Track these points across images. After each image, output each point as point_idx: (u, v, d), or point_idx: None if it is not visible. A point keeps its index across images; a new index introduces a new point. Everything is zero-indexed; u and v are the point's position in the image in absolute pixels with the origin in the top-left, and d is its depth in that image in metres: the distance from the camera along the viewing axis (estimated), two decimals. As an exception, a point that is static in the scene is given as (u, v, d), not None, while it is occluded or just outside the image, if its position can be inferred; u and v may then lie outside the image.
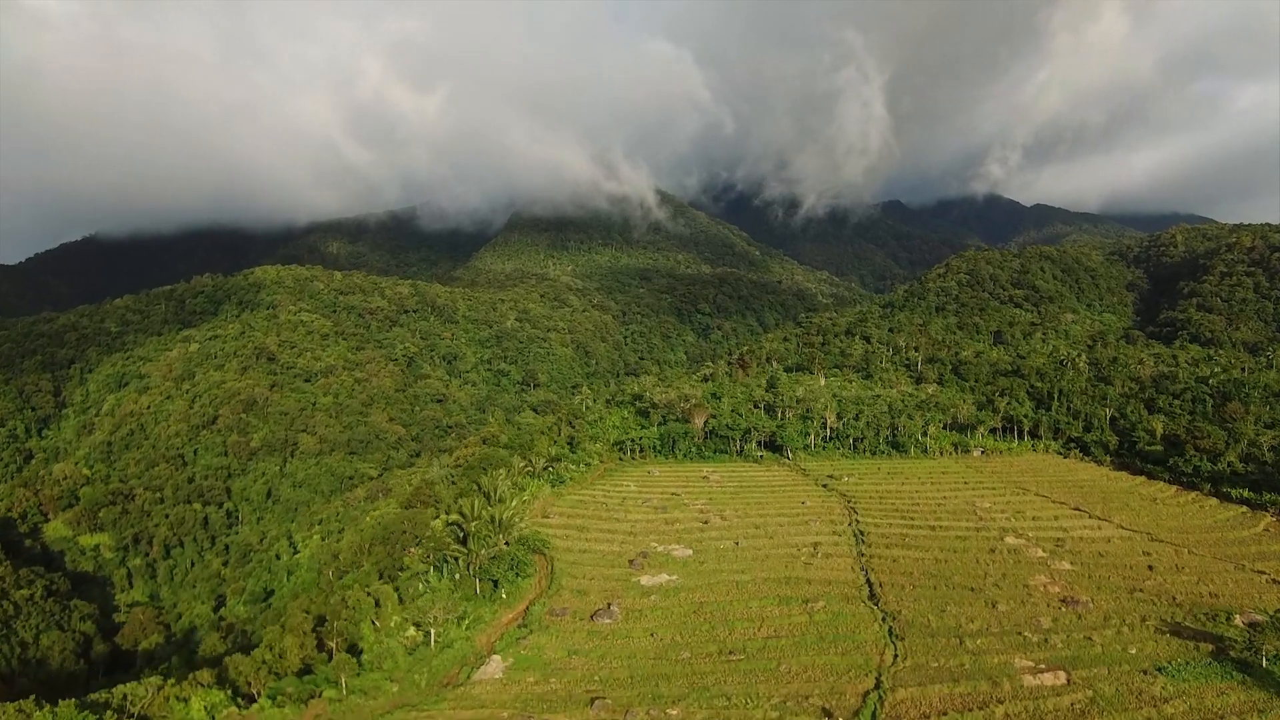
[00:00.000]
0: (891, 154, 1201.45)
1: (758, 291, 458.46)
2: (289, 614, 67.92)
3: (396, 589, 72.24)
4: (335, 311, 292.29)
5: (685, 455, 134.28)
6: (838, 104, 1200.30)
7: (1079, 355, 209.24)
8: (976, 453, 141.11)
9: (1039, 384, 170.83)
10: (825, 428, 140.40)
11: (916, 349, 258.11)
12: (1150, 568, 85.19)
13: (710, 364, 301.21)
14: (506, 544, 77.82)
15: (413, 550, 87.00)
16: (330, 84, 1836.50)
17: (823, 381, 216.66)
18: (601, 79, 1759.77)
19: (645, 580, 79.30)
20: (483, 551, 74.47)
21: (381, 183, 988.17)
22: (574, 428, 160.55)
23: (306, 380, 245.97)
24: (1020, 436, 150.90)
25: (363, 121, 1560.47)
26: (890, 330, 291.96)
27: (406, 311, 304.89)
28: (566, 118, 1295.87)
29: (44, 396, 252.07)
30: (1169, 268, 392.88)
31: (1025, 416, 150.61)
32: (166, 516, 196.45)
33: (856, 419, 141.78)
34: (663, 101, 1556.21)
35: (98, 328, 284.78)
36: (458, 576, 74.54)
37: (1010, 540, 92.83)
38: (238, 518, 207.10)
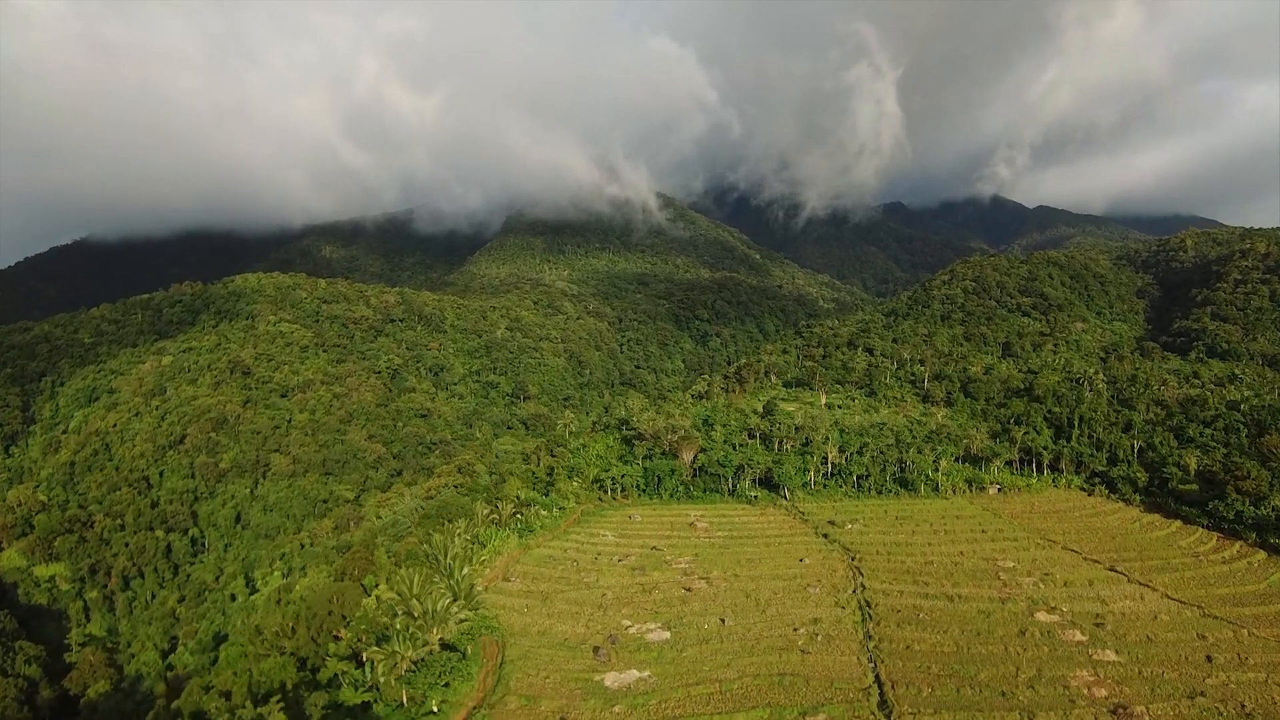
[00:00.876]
0: (904, 153, 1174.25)
1: (758, 297, 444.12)
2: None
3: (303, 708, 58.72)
4: (318, 321, 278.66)
5: (672, 495, 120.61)
6: (850, 101, 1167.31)
7: (1096, 373, 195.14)
8: (992, 490, 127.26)
9: (1057, 409, 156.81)
10: (826, 463, 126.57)
11: (922, 363, 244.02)
12: (1209, 658, 71.39)
13: (706, 377, 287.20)
14: (442, 642, 64.16)
15: (342, 633, 73.69)
16: (325, 84, 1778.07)
17: (824, 399, 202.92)
18: (603, 78, 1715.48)
19: (611, 680, 65.62)
20: (409, 653, 60.89)
21: (377, 185, 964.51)
22: (555, 456, 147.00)
23: (283, 395, 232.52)
24: (1039, 470, 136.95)
25: (358, 122, 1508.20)
26: (894, 341, 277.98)
27: (392, 320, 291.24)
28: (567, 118, 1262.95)
29: (11, 412, 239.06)
30: (1180, 273, 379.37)
31: (1044, 448, 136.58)
32: (126, 545, 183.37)
33: (860, 453, 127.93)
34: (665, 101, 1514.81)
35: (71, 339, 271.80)
36: (382, 680, 60.95)
37: (1042, 617, 79.01)
38: (204, 545, 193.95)
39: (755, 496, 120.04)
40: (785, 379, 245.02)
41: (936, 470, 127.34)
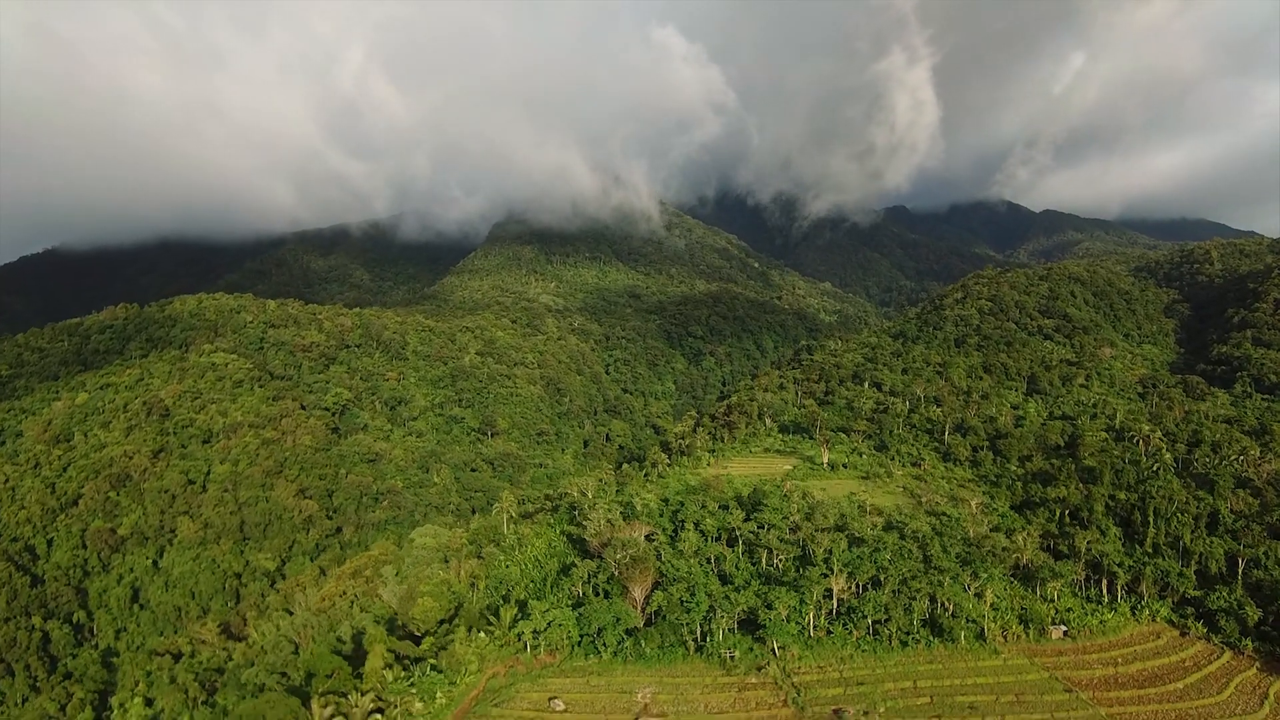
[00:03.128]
0: (937, 149, 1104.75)
1: (755, 311, 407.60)
2: None
3: None
4: (261, 349, 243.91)
5: (616, 654, 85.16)
6: (880, 93, 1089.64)
7: (1153, 431, 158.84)
8: (1057, 633, 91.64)
9: (1120, 494, 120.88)
10: (830, 596, 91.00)
11: (938, 402, 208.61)
12: None
13: (693, 415, 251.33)
14: None
15: None
16: (305, 82, 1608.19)
17: (826, 456, 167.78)
18: (603, 75, 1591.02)
19: None
20: None
21: (362, 189, 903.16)
22: (481, 559, 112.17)
23: (205, 441, 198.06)
24: (1111, 590, 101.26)
25: (341, 123, 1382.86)
26: (904, 372, 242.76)
27: (347, 346, 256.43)
28: (563, 118, 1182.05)
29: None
30: (1208, 289, 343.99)
31: (1118, 565, 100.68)
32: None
33: (877, 583, 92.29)
34: (668, 99, 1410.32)
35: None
36: None
37: None
38: (91, 632, 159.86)
39: (732, 654, 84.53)
40: (781, 422, 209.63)
41: (980, 601, 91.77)
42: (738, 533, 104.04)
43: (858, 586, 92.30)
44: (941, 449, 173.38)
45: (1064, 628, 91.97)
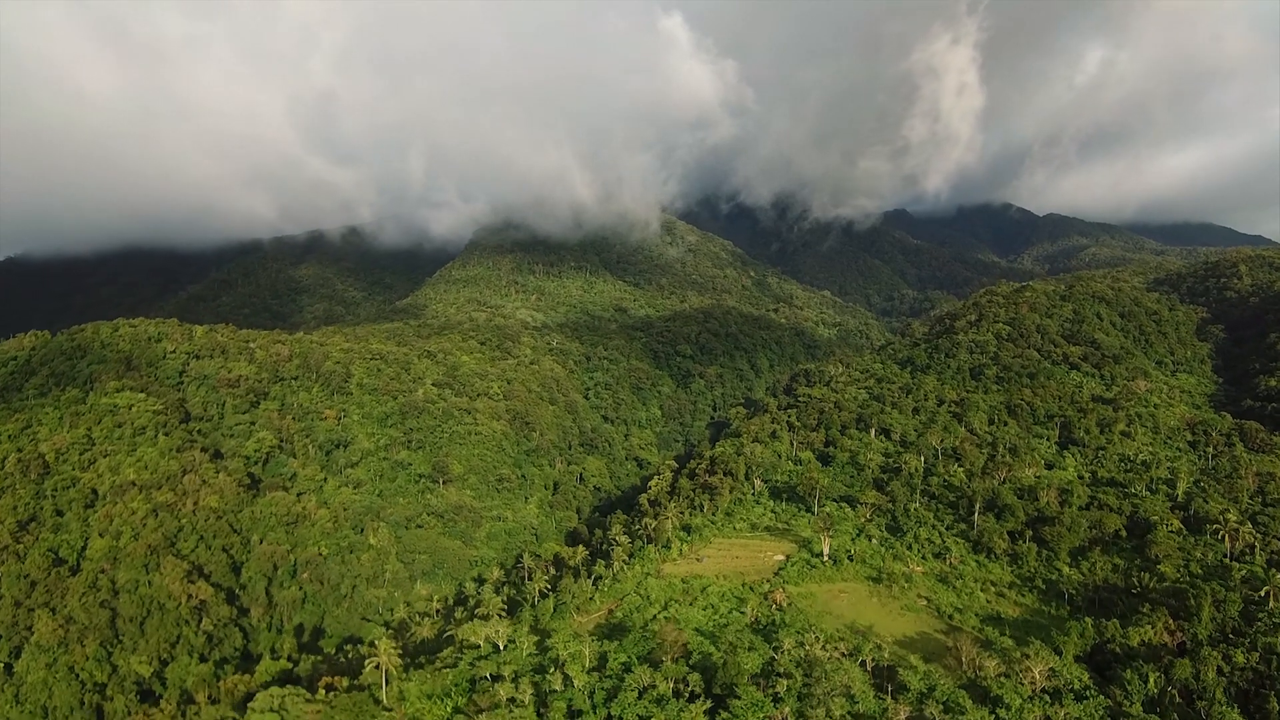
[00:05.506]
0: (976, 143, 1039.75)
1: (749, 328, 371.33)
2: None
3: None
4: (180, 385, 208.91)
5: None
6: (920, 83, 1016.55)
7: (1241, 523, 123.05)
8: None
9: (1240, 657, 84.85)
10: None
11: (958, 458, 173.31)
12: None
13: (671, 465, 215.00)
14: None
15: None
16: (275, 75, 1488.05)
17: (826, 545, 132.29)
18: (601, 69, 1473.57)
19: None
20: None
21: (339, 193, 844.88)
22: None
23: (89, 506, 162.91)
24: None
25: (316, 123, 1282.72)
26: (915, 412, 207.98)
27: (281, 379, 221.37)
28: (555, 116, 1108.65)
29: None
30: (1240, 307, 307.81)
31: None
32: None
33: None
34: (674, 97, 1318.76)
35: None
36: None
37: None
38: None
39: None
40: (773, 484, 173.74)
41: None
42: (697, 741, 68.55)
43: None
44: (970, 534, 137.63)
45: None
